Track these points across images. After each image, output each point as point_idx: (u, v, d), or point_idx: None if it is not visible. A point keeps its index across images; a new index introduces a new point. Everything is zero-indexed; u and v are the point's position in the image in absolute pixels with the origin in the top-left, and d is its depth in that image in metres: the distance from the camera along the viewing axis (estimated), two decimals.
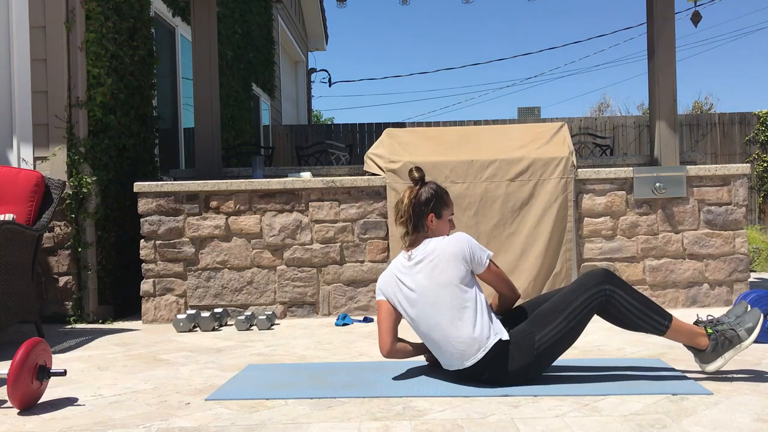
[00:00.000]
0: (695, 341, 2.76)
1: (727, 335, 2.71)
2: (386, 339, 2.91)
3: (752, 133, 11.74)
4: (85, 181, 4.81)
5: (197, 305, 4.79)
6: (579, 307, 2.70)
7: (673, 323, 2.73)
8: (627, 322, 2.74)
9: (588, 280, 2.74)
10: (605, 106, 26.24)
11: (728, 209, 4.80)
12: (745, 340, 2.69)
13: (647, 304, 2.73)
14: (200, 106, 5.39)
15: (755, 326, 2.71)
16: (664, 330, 2.73)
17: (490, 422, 2.32)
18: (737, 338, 2.70)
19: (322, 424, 2.35)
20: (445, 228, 2.92)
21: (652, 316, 2.72)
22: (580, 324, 2.72)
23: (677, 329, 2.74)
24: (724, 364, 2.73)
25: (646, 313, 2.72)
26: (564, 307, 2.71)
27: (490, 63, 66.23)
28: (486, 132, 5.13)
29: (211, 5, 5.44)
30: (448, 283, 2.75)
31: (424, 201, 2.87)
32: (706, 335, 2.74)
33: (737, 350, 2.70)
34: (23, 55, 4.80)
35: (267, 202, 4.83)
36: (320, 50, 16.06)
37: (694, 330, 2.76)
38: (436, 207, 2.88)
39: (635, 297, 2.73)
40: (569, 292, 2.75)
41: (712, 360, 2.74)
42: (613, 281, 2.72)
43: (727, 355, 2.71)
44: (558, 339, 2.70)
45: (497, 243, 4.75)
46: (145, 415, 2.53)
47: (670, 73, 5.15)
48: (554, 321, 2.70)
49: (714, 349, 2.72)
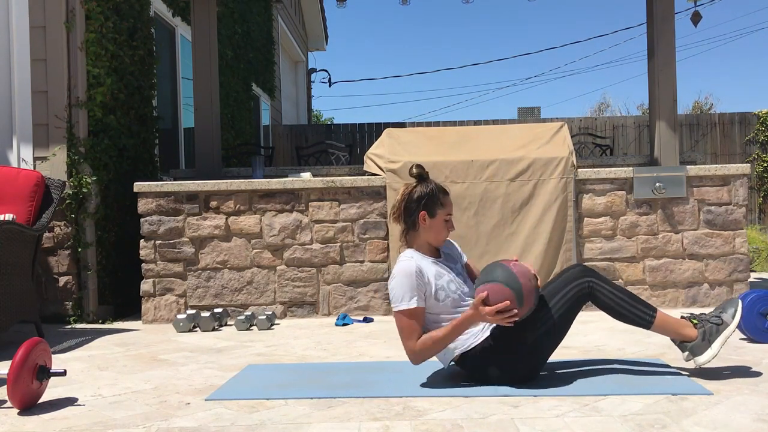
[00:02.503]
0: (683, 332, 2.80)
1: (713, 321, 2.79)
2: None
3: (752, 133, 11.74)
4: (85, 181, 4.81)
5: (197, 305, 4.79)
6: (563, 297, 2.75)
7: (659, 314, 2.79)
8: (612, 311, 2.80)
9: (569, 275, 2.81)
10: (605, 106, 26.23)
11: (728, 209, 4.80)
12: (730, 323, 2.77)
13: (631, 296, 2.82)
14: (200, 106, 5.39)
15: (736, 309, 2.80)
16: (651, 320, 2.78)
17: (490, 422, 2.32)
18: (723, 323, 2.77)
19: (322, 424, 2.35)
20: (441, 228, 2.86)
21: (637, 306, 2.79)
22: (567, 315, 2.76)
23: (664, 320, 2.80)
24: (715, 355, 2.75)
25: (630, 303, 2.79)
26: (549, 299, 2.76)
27: (490, 63, 66.25)
28: (486, 132, 5.13)
29: (211, 5, 5.44)
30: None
31: (416, 199, 2.84)
32: (693, 326, 2.81)
33: (725, 336, 2.76)
34: (23, 55, 4.80)
35: (267, 202, 4.83)
36: (320, 50, 16.06)
37: (681, 322, 2.83)
38: (428, 205, 2.83)
39: (617, 288, 2.81)
40: (554, 286, 2.81)
41: (704, 350, 2.76)
42: (594, 275, 2.81)
43: (716, 344, 2.75)
44: (546, 330, 2.73)
45: (497, 243, 4.75)
46: (145, 415, 2.53)
47: (670, 73, 5.15)
48: (540, 312, 2.73)
49: (703, 338, 2.77)
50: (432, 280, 2.76)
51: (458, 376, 2.85)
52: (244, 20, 9.13)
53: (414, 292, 2.70)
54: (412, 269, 2.72)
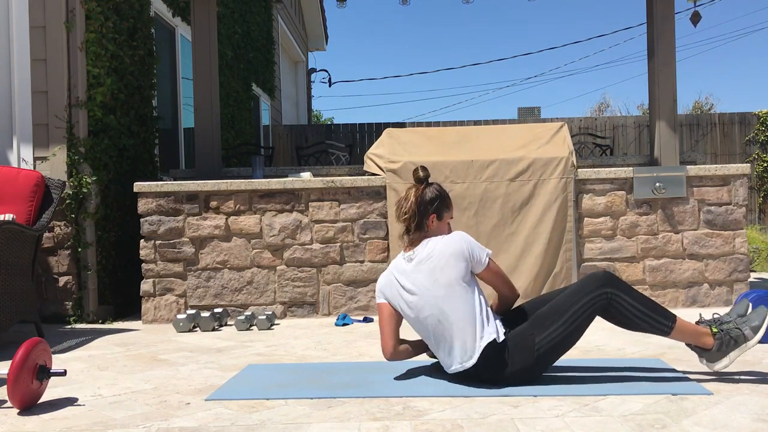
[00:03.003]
0: (700, 341, 2.73)
1: (732, 334, 2.68)
2: (389, 342, 2.90)
3: (752, 133, 11.74)
4: (85, 181, 4.81)
5: (197, 305, 4.79)
6: (580, 310, 2.69)
7: (677, 324, 2.71)
8: (629, 323, 2.73)
9: (589, 283, 2.72)
10: (605, 106, 26.26)
11: (728, 209, 4.80)
12: (750, 339, 2.67)
13: (650, 306, 2.71)
14: (200, 106, 5.39)
15: (761, 325, 2.67)
16: (669, 331, 2.71)
17: (490, 422, 2.32)
18: (743, 337, 2.67)
19: (322, 424, 2.35)
20: (444, 230, 2.94)
21: (656, 318, 2.70)
22: (580, 327, 2.71)
23: (681, 329, 2.72)
24: (729, 364, 2.70)
25: (648, 315, 2.70)
26: (565, 310, 2.70)
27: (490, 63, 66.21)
28: (486, 132, 5.13)
29: (211, 5, 5.44)
30: (448, 283, 2.75)
31: (429, 200, 2.88)
32: (711, 334, 2.72)
33: (743, 350, 2.67)
34: (23, 55, 4.80)
35: (267, 202, 4.83)
36: (320, 50, 16.06)
37: (699, 330, 2.74)
38: (438, 208, 2.89)
39: (637, 299, 2.71)
40: (570, 294, 2.74)
41: (718, 359, 2.71)
42: (614, 284, 2.71)
43: (733, 355, 2.68)
44: (558, 342, 2.70)
45: (497, 243, 4.75)
46: (145, 415, 2.53)
47: (670, 73, 5.15)
48: (555, 323, 2.69)
49: (719, 349, 2.69)
50: None
51: (458, 376, 2.84)
52: (244, 20, 9.14)
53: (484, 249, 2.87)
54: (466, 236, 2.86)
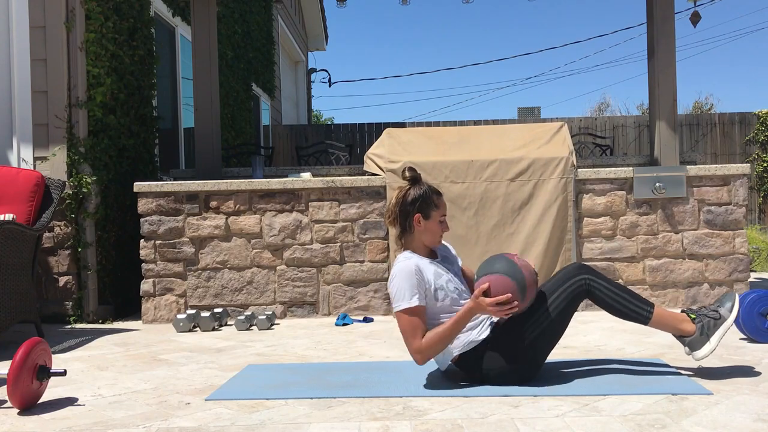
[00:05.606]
0: (681, 327, 2.81)
1: (710, 316, 2.80)
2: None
3: (752, 133, 11.74)
4: (85, 181, 4.81)
5: (197, 305, 4.79)
6: (561, 295, 2.77)
7: (656, 310, 2.80)
8: (610, 308, 2.81)
9: (566, 273, 2.83)
10: (605, 106, 26.25)
11: (728, 209, 4.80)
12: (727, 317, 2.78)
13: (628, 292, 2.83)
14: (200, 106, 5.39)
15: (733, 303, 2.80)
16: (648, 315, 2.79)
17: (490, 422, 2.32)
18: (721, 317, 2.78)
19: (322, 424, 2.35)
20: (436, 229, 2.87)
21: (635, 302, 2.80)
22: (564, 312, 2.78)
23: (661, 315, 2.81)
24: (713, 349, 2.75)
25: (628, 299, 2.80)
26: (548, 296, 2.78)
27: (490, 63, 66.22)
28: (486, 132, 5.13)
29: (211, 5, 5.44)
30: None
31: (410, 201, 2.85)
32: (691, 320, 2.81)
33: (723, 330, 2.76)
34: (23, 55, 4.80)
35: (267, 202, 4.83)
36: (320, 50, 16.05)
37: (678, 316, 2.83)
38: (422, 207, 2.84)
39: (615, 285, 2.82)
40: (552, 283, 2.83)
41: (702, 344, 2.77)
42: (591, 272, 2.82)
43: (714, 338, 2.76)
44: (547, 326, 2.75)
45: (497, 243, 4.75)
46: (145, 415, 2.53)
47: (670, 73, 5.15)
48: (539, 309, 2.75)
49: (702, 332, 2.77)
50: (431, 279, 2.76)
51: (458, 376, 2.85)
52: (244, 20, 9.13)
53: (414, 290, 2.70)
54: (412, 268, 2.73)
